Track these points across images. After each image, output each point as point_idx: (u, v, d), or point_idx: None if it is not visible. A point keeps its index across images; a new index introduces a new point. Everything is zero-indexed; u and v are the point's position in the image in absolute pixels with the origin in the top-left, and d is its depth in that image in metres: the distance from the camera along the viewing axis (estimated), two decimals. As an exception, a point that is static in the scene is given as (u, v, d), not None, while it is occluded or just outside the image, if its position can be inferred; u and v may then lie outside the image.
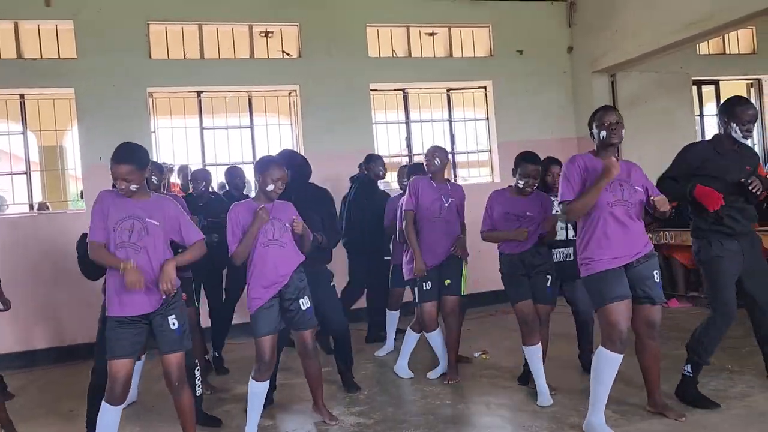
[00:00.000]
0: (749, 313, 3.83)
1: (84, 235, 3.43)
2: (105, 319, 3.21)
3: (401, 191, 5.46)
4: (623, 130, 3.45)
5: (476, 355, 5.13)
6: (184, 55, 6.75)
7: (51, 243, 6.08)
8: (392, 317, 5.56)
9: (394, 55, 7.51)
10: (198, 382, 3.77)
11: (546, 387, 3.93)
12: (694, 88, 8.48)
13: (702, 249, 3.75)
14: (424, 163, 4.61)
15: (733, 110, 3.64)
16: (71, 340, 6.08)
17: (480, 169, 8.06)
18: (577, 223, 3.64)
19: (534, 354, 3.99)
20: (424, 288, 4.46)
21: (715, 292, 3.73)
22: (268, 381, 3.68)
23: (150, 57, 6.50)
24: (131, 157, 3.11)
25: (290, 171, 3.90)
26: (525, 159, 4.07)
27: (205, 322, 5.11)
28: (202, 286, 5.07)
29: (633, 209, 3.36)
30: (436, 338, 4.57)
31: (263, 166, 3.65)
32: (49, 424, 4.23)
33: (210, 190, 5.44)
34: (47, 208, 6.70)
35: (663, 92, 7.86)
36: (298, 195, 4.02)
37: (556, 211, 4.16)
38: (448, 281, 4.44)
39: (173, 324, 3.13)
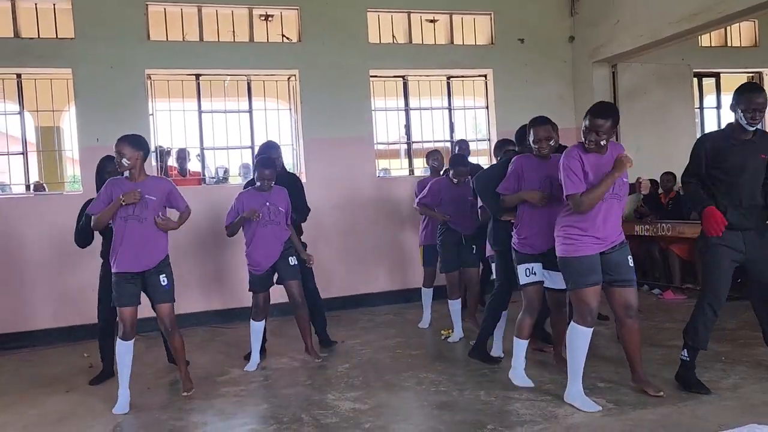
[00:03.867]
0: (752, 304, 3.90)
1: (84, 209, 4.44)
2: (103, 277, 4.39)
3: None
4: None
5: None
6: (183, 38, 6.69)
7: (48, 224, 6.06)
8: (427, 294, 5.91)
9: (395, 42, 7.46)
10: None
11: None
12: (695, 80, 8.46)
13: (702, 235, 3.82)
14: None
15: (740, 96, 3.65)
16: (69, 321, 6.07)
17: (479, 157, 8.04)
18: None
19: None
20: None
21: (706, 279, 3.83)
22: (264, 321, 4.80)
23: (149, 38, 6.45)
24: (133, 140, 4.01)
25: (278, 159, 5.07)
26: (534, 123, 4.06)
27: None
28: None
29: (621, 201, 3.60)
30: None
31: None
32: (51, 402, 4.25)
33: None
34: (44, 189, 6.67)
35: (663, 84, 7.84)
36: (280, 180, 4.84)
37: None
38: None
39: (164, 281, 4.05)
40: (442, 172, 6.00)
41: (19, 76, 6.24)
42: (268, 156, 4.88)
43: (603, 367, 4.25)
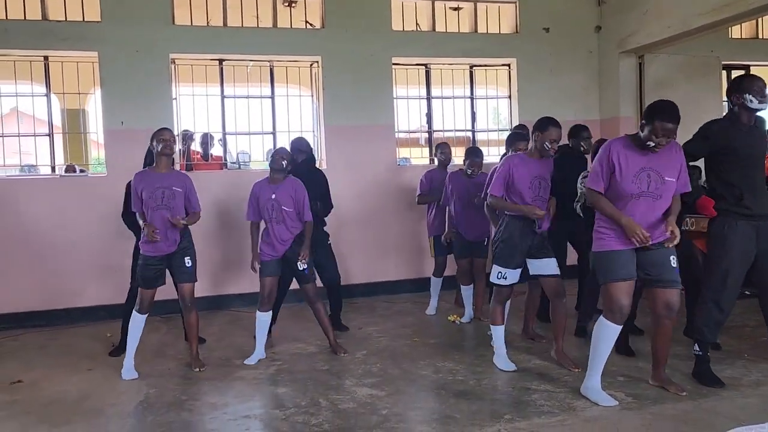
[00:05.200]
0: (759, 299, 3.85)
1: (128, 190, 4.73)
2: (136, 254, 4.54)
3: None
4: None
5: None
6: (207, 22, 6.71)
7: (72, 206, 6.15)
8: (436, 283, 6.00)
9: (418, 29, 7.41)
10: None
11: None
12: (724, 72, 8.29)
13: (715, 224, 3.79)
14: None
15: (741, 84, 3.73)
16: (92, 300, 6.18)
17: (500, 147, 7.97)
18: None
19: None
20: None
21: (709, 271, 3.79)
22: (270, 312, 4.71)
23: (173, 23, 6.48)
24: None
25: (301, 155, 5.24)
26: (552, 123, 4.06)
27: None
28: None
29: (659, 200, 3.44)
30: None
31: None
32: (74, 380, 4.33)
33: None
34: (74, 171, 6.76)
35: (691, 76, 7.69)
36: (309, 176, 5.01)
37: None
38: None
39: (188, 262, 4.39)
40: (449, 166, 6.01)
41: (46, 58, 6.31)
42: (283, 147, 4.98)
43: (623, 361, 4.22)
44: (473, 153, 5.53)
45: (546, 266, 4.17)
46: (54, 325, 6.01)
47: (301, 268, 4.61)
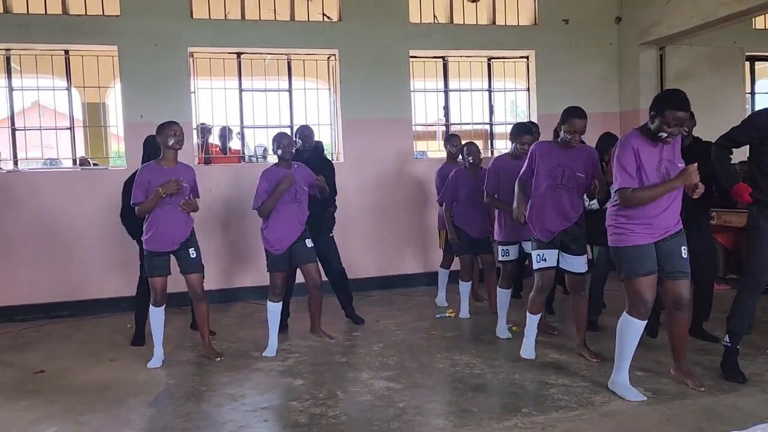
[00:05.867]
0: None
1: (126, 186, 4.75)
2: (142, 251, 4.57)
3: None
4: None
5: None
6: (225, 16, 6.74)
7: (93, 198, 6.23)
8: (444, 274, 6.11)
9: (436, 21, 7.37)
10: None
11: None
12: (747, 64, 8.15)
13: (750, 215, 3.75)
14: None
15: None
16: (113, 292, 6.26)
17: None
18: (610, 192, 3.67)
19: None
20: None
21: (746, 260, 3.76)
22: (281, 303, 4.75)
23: (192, 16, 6.51)
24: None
25: (307, 144, 5.25)
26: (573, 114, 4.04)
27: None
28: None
29: (680, 190, 3.44)
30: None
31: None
32: (97, 370, 4.40)
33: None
34: (89, 164, 6.84)
35: (714, 67, 7.57)
36: (316, 165, 4.98)
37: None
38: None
39: (192, 254, 4.44)
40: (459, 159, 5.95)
41: (67, 52, 6.38)
42: (282, 131, 4.93)
43: (642, 356, 4.16)
44: (470, 143, 5.60)
45: (576, 263, 4.17)
46: (76, 316, 6.11)
47: (309, 245, 4.70)
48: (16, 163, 6.39)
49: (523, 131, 4.90)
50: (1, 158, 6.51)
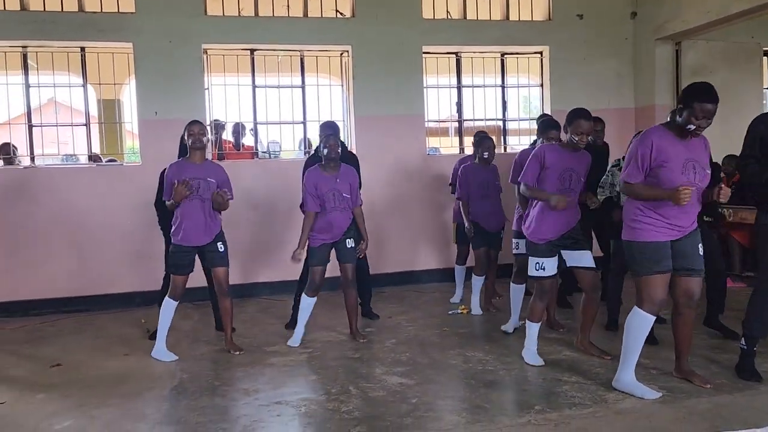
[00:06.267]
0: None
1: (161, 179, 4.81)
2: (168, 242, 4.67)
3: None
4: None
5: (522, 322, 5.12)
6: (239, 12, 6.76)
7: (108, 194, 6.29)
8: (460, 271, 6.09)
9: (449, 17, 7.34)
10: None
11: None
12: (765, 59, 8.04)
13: (761, 215, 3.70)
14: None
15: None
16: (127, 287, 6.31)
17: (531, 136, 7.88)
18: None
19: None
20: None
21: (761, 260, 3.69)
22: (315, 298, 4.79)
23: (206, 13, 6.54)
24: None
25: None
26: (579, 115, 3.98)
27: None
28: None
29: (699, 192, 3.41)
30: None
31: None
32: (111, 364, 4.45)
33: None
34: (100, 160, 6.90)
35: (731, 63, 7.47)
36: (346, 160, 4.92)
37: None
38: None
39: (220, 248, 4.50)
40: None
41: (83, 49, 6.43)
42: (331, 134, 4.86)
43: (656, 353, 4.15)
44: (484, 137, 5.51)
45: (582, 258, 4.10)
46: (90, 310, 6.17)
47: (349, 246, 4.73)
48: (32, 159, 6.46)
49: (550, 126, 4.82)
50: (18, 154, 6.59)
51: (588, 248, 4.16)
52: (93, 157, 6.80)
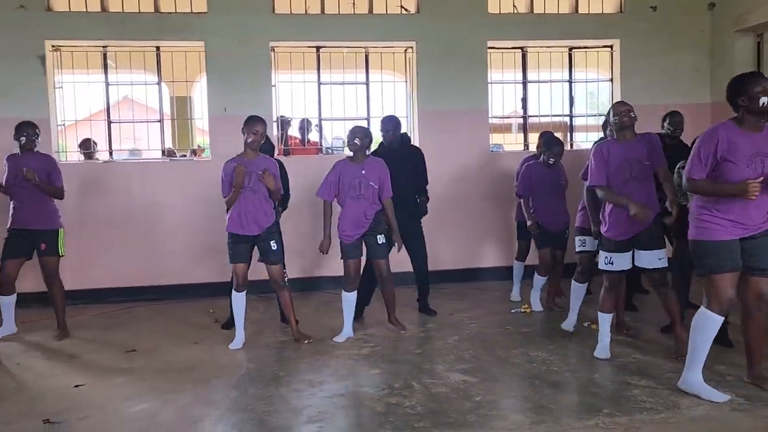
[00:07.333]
0: None
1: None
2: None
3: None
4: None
5: (585, 324, 4.99)
6: (306, 10, 6.86)
7: (180, 188, 6.53)
8: (519, 267, 6.05)
9: (515, 11, 7.22)
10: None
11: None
12: None
13: None
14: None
15: None
16: (197, 278, 6.53)
17: (599, 133, 7.65)
18: None
19: None
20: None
21: None
22: (355, 292, 4.89)
23: (273, 12, 6.67)
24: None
25: (392, 132, 5.29)
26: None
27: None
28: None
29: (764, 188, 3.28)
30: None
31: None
32: (182, 352, 4.62)
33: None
34: (174, 155, 7.16)
35: (818, 55, 7.04)
36: (400, 153, 5.17)
37: None
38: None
39: (273, 246, 4.69)
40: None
41: (158, 48, 6.69)
42: (356, 126, 5.08)
43: (732, 358, 3.97)
44: (553, 142, 5.39)
45: (650, 259, 4.04)
46: (161, 299, 6.42)
47: (380, 242, 4.86)
48: (111, 153, 6.77)
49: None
50: (97, 149, 6.92)
51: (660, 247, 4.06)
52: (169, 152, 7.07)
